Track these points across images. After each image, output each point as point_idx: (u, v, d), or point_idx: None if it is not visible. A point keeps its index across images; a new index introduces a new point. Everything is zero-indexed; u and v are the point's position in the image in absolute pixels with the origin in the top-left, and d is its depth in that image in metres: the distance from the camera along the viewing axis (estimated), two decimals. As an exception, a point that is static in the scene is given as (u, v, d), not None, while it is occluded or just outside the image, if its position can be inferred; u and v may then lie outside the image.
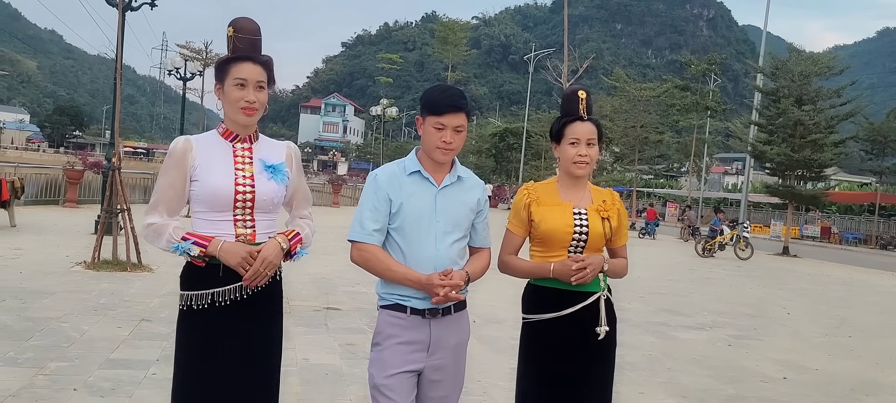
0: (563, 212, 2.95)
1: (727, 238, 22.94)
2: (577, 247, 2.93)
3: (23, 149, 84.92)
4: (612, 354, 3.01)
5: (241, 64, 2.62)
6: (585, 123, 2.94)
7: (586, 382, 2.91)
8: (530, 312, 2.99)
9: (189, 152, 2.62)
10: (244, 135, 2.72)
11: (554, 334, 2.90)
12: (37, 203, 19.86)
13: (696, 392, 5.97)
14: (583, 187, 3.02)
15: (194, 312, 2.60)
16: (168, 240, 2.59)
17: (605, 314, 2.91)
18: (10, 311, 6.72)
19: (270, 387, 2.74)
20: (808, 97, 27.06)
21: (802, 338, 9.05)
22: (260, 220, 2.68)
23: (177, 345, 2.69)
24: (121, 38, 11.20)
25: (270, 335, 2.74)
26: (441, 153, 2.72)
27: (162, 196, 2.64)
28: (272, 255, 2.62)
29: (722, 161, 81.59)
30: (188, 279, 2.64)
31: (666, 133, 40.87)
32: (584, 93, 2.97)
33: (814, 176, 29.01)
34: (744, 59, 66.67)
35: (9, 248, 10.84)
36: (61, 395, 4.54)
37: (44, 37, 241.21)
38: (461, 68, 69.84)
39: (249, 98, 2.62)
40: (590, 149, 2.93)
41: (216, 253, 2.56)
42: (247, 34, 2.63)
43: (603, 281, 2.94)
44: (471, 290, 2.85)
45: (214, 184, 2.60)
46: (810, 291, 15.03)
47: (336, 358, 6.05)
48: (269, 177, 2.69)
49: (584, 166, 2.94)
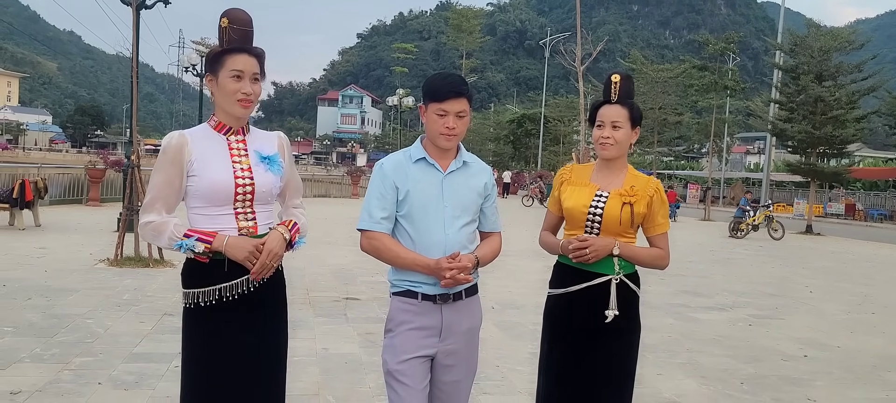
0: (586, 193, 3.01)
1: (760, 218, 22.60)
2: (591, 228, 2.97)
3: (46, 150, 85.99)
4: (628, 340, 3.00)
5: (236, 55, 2.58)
6: (614, 106, 2.99)
7: (599, 363, 2.93)
8: (552, 286, 3.07)
9: (184, 147, 2.57)
10: (237, 127, 2.69)
11: (567, 310, 2.97)
12: (61, 202, 20.13)
13: (715, 371, 5.96)
14: (617, 171, 3.05)
15: (202, 309, 2.58)
16: (170, 238, 2.56)
17: (617, 298, 2.92)
18: (36, 309, 6.85)
19: (279, 376, 2.76)
20: (828, 73, 26.68)
21: (824, 316, 8.99)
22: (260, 212, 2.67)
23: (185, 343, 2.67)
24: (136, 36, 11.31)
25: (277, 326, 2.75)
26: (444, 139, 2.74)
27: (159, 193, 2.59)
28: (277, 247, 2.63)
29: (743, 140, 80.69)
30: (191, 276, 2.62)
31: (685, 114, 40.46)
32: (617, 77, 3.02)
33: (836, 152, 28.65)
34: (763, 36, 65.87)
35: (34, 248, 11.02)
36: (86, 389, 4.63)
37: (63, 38, 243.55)
38: (477, 55, 69.64)
39: (246, 90, 2.59)
40: (615, 131, 2.97)
41: (222, 249, 2.54)
42: (241, 25, 2.58)
43: (618, 264, 2.94)
44: (488, 276, 2.88)
45: (214, 178, 2.57)
46: (833, 269, 14.89)
47: (355, 347, 6.10)
48: (266, 168, 2.68)
49: (608, 147, 2.98)
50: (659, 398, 5.16)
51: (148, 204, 2.61)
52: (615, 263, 2.94)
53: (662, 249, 3.07)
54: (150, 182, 2.65)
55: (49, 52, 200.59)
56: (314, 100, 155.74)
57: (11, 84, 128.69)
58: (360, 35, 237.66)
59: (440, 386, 2.83)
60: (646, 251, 3.04)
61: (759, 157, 70.93)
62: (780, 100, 29.03)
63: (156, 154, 25.50)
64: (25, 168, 20.81)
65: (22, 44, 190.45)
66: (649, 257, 3.04)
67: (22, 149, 77.94)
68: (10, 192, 13.59)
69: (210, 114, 2.77)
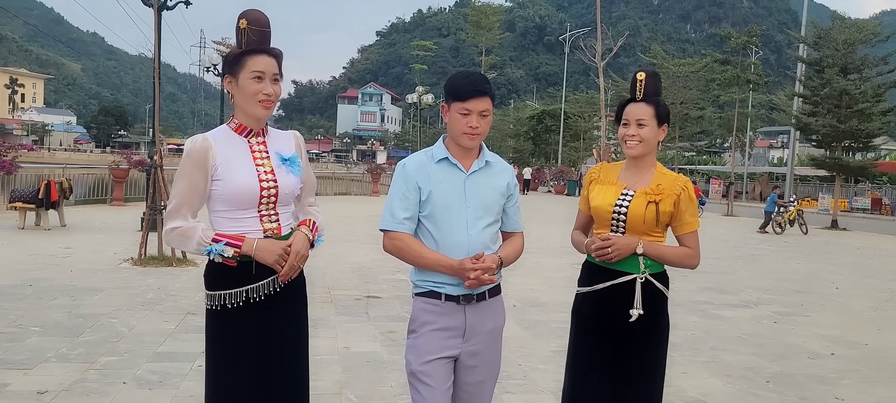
0: (612, 192, 3.00)
1: (792, 214, 22.37)
2: (617, 227, 2.96)
3: (71, 150, 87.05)
4: (654, 340, 2.98)
5: (256, 56, 2.58)
6: (639, 105, 2.98)
7: (624, 361, 2.92)
8: (580, 285, 3.08)
9: (209, 151, 2.56)
10: (257, 128, 2.69)
11: (593, 308, 2.97)
12: (85, 202, 20.37)
13: (740, 370, 5.89)
14: (645, 169, 3.02)
15: (228, 311, 2.58)
16: (199, 243, 2.56)
17: (642, 297, 2.89)
18: (62, 309, 6.93)
19: (303, 375, 2.78)
20: (853, 66, 26.31)
21: (852, 313, 8.86)
22: (282, 213, 2.68)
23: (209, 344, 2.67)
24: (158, 37, 11.40)
25: (299, 325, 2.77)
26: (468, 139, 2.72)
27: (184, 199, 2.58)
28: (304, 248, 2.65)
29: (766, 134, 79.75)
30: (215, 278, 2.61)
31: (707, 108, 40.09)
32: (643, 75, 3.01)
33: (862, 146, 28.21)
34: (786, 29, 64.96)
35: (59, 248, 11.16)
36: (111, 388, 4.67)
37: (86, 39, 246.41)
38: (496, 52, 69.32)
39: (267, 90, 2.59)
40: (640, 129, 2.95)
41: (251, 253, 2.54)
42: (259, 26, 2.58)
43: (643, 263, 2.92)
44: (510, 274, 2.86)
45: (239, 182, 2.57)
46: (860, 265, 14.68)
47: (377, 346, 6.11)
48: (287, 170, 2.68)
49: (632, 146, 2.97)
50: (683, 396, 5.11)
51: (173, 210, 2.60)
52: (640, 262, 2.91)
53: (691, 248, 3.02)
54: (173, 187, 2.63)
55: (73, 54, 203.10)
56: (334, 98, 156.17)
57: (36, 85, 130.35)
58: (380, 33, 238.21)
59: (464, 387, 2.82)
60: (672, 250, 3.00)
61: (782, 152, 70.13)
62: (804, 94, 28.67)
63: (179, 153, 25.71)
64: (51, 168, 21.05)
65: (46, 45, 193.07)
66: (676, 256, 3.00)
67: (47, 150, 78.92)
68: (35, 193, 13.77)
69: (231, 113, 2.77)
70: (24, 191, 14.16)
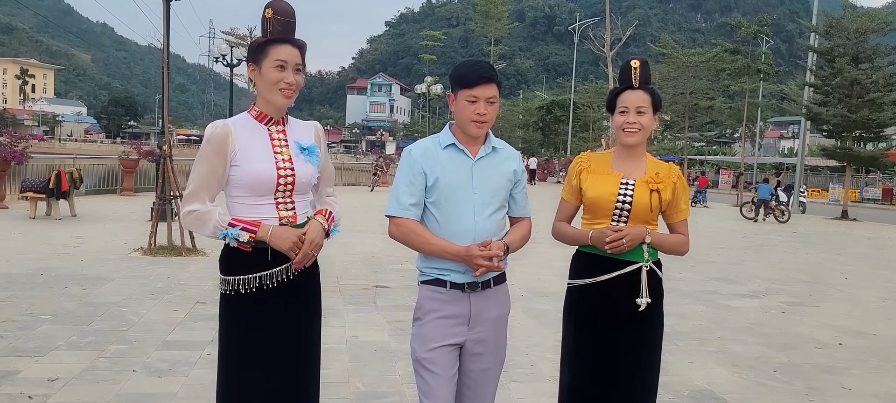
0: (610, 181, 2.96)
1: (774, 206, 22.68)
2: (620, 217, 2.94)
3: (82, 141, 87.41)
4: (658, 332, 2.99)
5: (280, 46, 2.62)
6: (636, 92, 2.95)
7: (626, 352, 2.91)
8: (574, 277, 3.04)
9: (229, 137, 2.62)
10: (278, 117, 2.73)
11: (594, 300, 2.94)
12: (96, 192, 20.48)
13: (747, 360, 5.89)
14: (638, 158, 3.01)
15: (241, 296, 2.62)
16: (215, 227, 2.60)
17: (647, 286, 2.90)
18: (73, 297, 6.99)
19: (314, 363, 2.81)
20: (864, 55, 26.10)
21: (860, 303, 8.83)
22: (298, 201, 2.72)
23: (222, 329, 2.72)
24: (167, 27, 11.42)
25: (312, 313, 2.80)
26: (475, 126, 2.72)
27: (202, 183, 2.62)
28: (318, 237, 2.68)
29: (777, 125, 79.29)
30: (230, 264, 2.65)
31: (717, 98, 39.84)
32: (637, 63, 2.98)
33: (873, 136, 28.02)
34: (797, 18, 64.44)
35: (70, 237, 11.23)
36: (121, 376, 4.72)
37: (96, 30, 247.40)
38: (505, 42, 69.07)
39: (289, 79, 2.63)
40: (640, 117, 2.93)
41: (266, 239, 2.58)
42: (285, 16, 2.62)
43: (647, 252, 2.92)
44: (517, 264, 2.87)
45: (257, 169, 2.61)
46: (869, 255, 14.62)
47: (385, 335, 6.13)
48: (305, 159, 2.72)
49: (633, 134, 2.94)
50: (690, 386, 5.12)
51: (191, 194, 2.64)
52: (645, 250, 2.91)
53: (684, 235, 3.05)
54: (192, 171, 2.67)
55: (83, 44, 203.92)
56: (343, 88, 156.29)
57: (47, 76, 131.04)
58: (389, 23, 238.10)
59: (469, 374, 2.83)
60: (671, 237, 3.02)
61: (793, 142, 69.80)
62: (815, 84, 28.48)
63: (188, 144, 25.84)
64: (61, 159, 21.16)
65: (57, 36, 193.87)
66: (673, 243, 3.02)
67: (58, 140, 79.27)
68: (46, 183, 13.87)
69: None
70: (35, 181, 14.25)
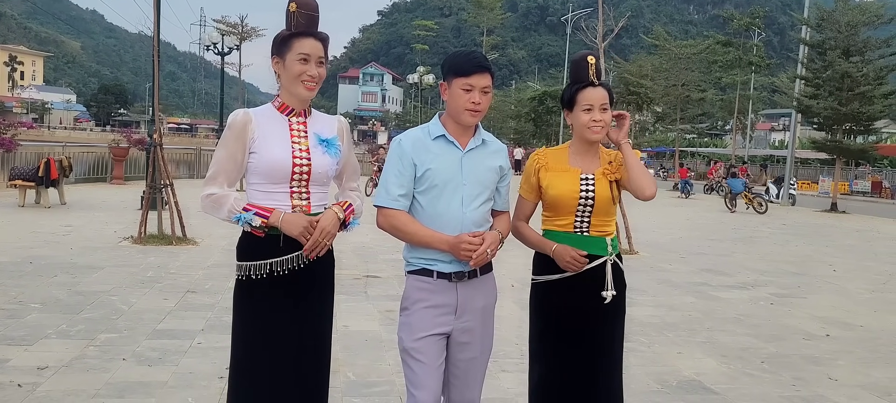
0: (571, 178, 2.97)
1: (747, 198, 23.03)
2: (583, 213, 2.96)
3: (71, 128, 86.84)
4: (621, 318, 3.05)
5: (303, 39, 2.68)
6: (597, 89, 2.93)
7: (593, 343, 2.96)
8: (539, 273, 3.04)
9: (249, 125, 2.69)
10: (300, 109, 2.78)
11: (561, 295, 2.96)
12: (86, 181, 20.41)
13: (735, 350, 5.94)
14: (594, 152, 3.03)
15: (253, 282, 2.67)
16: (230, 211, 2.67)
17: (613, 278, 2.94)
18: (62, 286, 6.97)
19: (324, 353, 2.84)
20: (855, 48, 26.17)
21: (848, 295, 8.90)
22: (314, 192, 2.76)
23: (235, 315, 2.77)
24: (157, 15, 11.35)
25: (324, 303, 2.84)
26: (470, 115, 2.74)
27: (221, 167, 2.71)
28: (330, 225, 2.71)
29: (768, 117, 79.60)
30: (246, 250, 2.71)
31: (708, 90, 40.05)
32: (592, 58, 2.96)
33: (863, 129, 28.14)
34: (789, 11, 64.66)
35: (60, 226, 11.19)
36: (111, 365, 4.72)
37: (86, 17, 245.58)
38: (498, 32, 69.16)
39: (312, 72, 2.70)
40: (604, 114, 2.93)
41: (278, 224, 2.63)
42: (308, 10, 2.69)
43: (610, 245, 2.97)
44: (508, 254, 2.89)
45: (273, 157, 2.67)
46: (858, 247, 14.71)
47: (375, 325, 6.15)
48: (323, 150, 2.76)
49: (598, 131, 2.94)
50: (678, 376, 5.16)
51: (210, 178, 2.72)
52: (608, 244, 2.97)
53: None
54: (213, 156, 2.76)
55: (72, 32, 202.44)
56: (335, 77, 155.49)
57: (36, 63, 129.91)
58: (381, 12, 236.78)
59: (456, 363, 2.85)
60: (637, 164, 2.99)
61: (784, 134, 70.03)
62: (806, 77, 28.55)
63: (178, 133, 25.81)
64: (51, 147, 21.07)
65: (46, 23, 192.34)
66: (642, 168, 2.99)
67: (47, 128, 78.73)
68: (35, 171, 13.80)
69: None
70: (24, 169, 14.20)
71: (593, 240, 2.96)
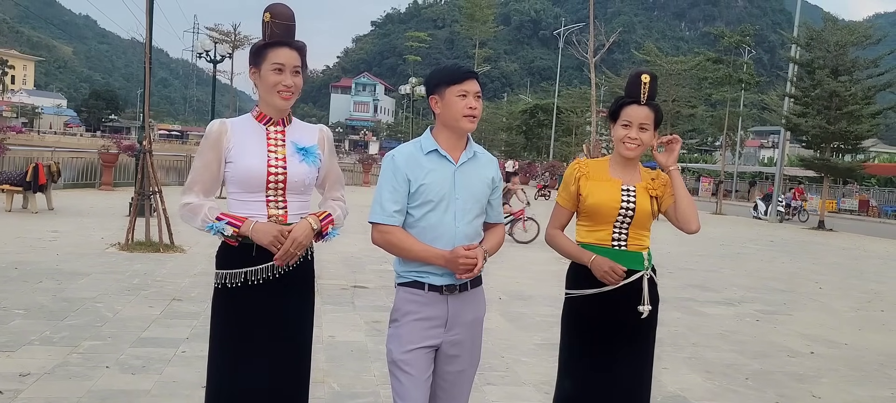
0: (612, 188, 3.00)
1: None
2: (622, 223, 2.98)
3: (61, 133, 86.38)
4: (653, 333, 3.07)
5: (278, 49, 2.68)
6: (642, 108, 2.97)
7: (626, 359, 2.97)
8: (573, 287, 3.05)
9: (224, 135, 2.71)
10: (278, 118, 2.78)
11: (596, 309, 2.97)
12: (74, 186, 20.29)
13: (720, 367, 5.96)
14: (634, 166, 3.07)
15: (228, 290, 2.68)
16: (203, 220, 2.68)
17: (648, 293, 2.96)
18: (47, 292, 6.92)
19: (302, 363, 2.83)
20: (844, 68, 26.42)
21: (833, 313, 8.94)
22: (292, 201, 2.76)
23: (212, 322, 2.78)
24: (150, 21, 11.34)
25: (302, 312, 2.83)
26: (468, 121, 2.75)
27: (197, 176, 2.73)
28: (302, 236, 2.69)
29: (757, 134, 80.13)
30: (223, 258, 2.73)
31: (699, 107, 40.22)
32: (647, 77, 2.98)
33: (851, 148, 28.36)
34: (780, 29, 65.12)
35: (46, 231, 11.12)
36: (94, 373, 4.68)
37: (78, 22, 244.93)
38: (490, 45, 69.32)
39: (287, 82, 2.70)
40: (642, 133, 2.96)
41: (248, 233, 2.64)
42: (283, 20, 2.69)
43: (647, 260, 2.99)
44: (496, 267, 2.91)
45: (247, 165, 2.68)
46: (844, 265, 14.80)
47: (361, 335, 6.14)
48: (300, 159, 2.76)
49: (633, 149, 2.98)
50: (664, 391, 5.16)
51: (187, 187, 2.74)
52: (645, 259, 2.97)
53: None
54: (191, 165, 2.79)
55: (64, 36, 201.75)
56: (327, 87, 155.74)
57: (27, 67, 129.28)
58: (374, 23, 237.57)
59: (444, 376, 2.84)
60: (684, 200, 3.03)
61: (772, 151, 70.46)
62: (795, 95, 28.78)
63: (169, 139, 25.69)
64: (39, 151, 20.97)
65: (38, 27, 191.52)
66: (690, 198, 3.04)
67: (37, 133, 78.36)
68: (23, 176, 13.72)
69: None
70: (12, 174, 14.10)
71: (631, 255, 2.98)
